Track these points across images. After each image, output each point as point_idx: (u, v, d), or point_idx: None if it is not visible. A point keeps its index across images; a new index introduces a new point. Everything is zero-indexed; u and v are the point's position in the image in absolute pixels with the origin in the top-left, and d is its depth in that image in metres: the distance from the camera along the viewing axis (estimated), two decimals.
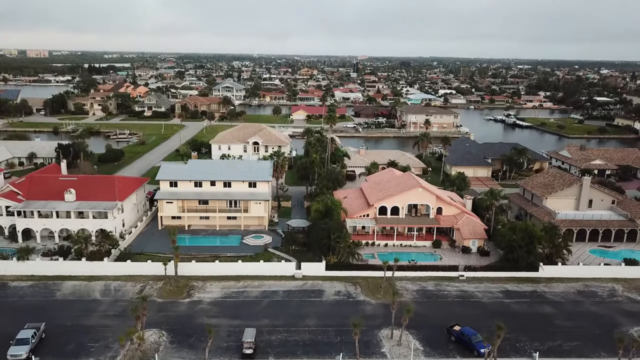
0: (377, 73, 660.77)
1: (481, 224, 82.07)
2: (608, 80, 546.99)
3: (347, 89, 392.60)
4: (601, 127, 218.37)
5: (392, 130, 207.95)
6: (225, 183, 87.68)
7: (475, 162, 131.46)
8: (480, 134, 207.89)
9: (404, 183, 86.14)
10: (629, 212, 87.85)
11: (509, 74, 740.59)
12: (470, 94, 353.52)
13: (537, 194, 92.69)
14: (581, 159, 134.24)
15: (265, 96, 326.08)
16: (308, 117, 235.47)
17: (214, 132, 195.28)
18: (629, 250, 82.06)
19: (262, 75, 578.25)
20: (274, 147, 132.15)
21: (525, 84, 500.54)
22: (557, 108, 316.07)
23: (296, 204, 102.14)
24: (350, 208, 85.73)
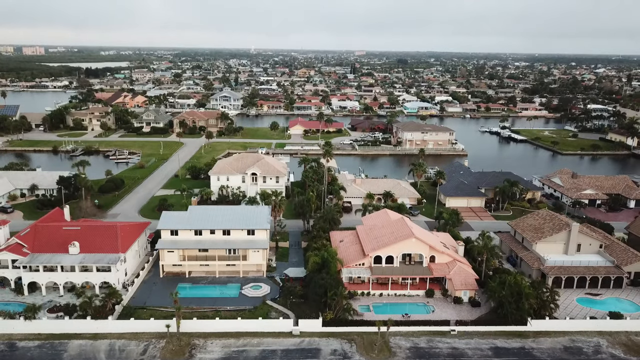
0: (374, 74, 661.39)
1: (472, 273, 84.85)
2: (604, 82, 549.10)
3: (344, 95, 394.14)
4: (594, 143, 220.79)
5: (388, 148, 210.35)
6: (224, 231, 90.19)
7: (469, 193, 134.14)
8: (475, 150, 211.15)
9: (398, 232, 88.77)
10: (615, 257, 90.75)
11: (505, 73, 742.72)
12: (467, 102, 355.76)
13: (527, 238, 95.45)
14: (572, 188, 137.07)
15: (263, 105, 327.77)
16: (305, 132, 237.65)
17: (212, 151, 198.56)
18: (615, 298, 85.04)
19: (259, 77, 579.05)
20: (272, 177, 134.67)
21: (521, 87, 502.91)
22: (552, 117, 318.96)
23: (294, 244, 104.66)
24: (346, 256, 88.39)
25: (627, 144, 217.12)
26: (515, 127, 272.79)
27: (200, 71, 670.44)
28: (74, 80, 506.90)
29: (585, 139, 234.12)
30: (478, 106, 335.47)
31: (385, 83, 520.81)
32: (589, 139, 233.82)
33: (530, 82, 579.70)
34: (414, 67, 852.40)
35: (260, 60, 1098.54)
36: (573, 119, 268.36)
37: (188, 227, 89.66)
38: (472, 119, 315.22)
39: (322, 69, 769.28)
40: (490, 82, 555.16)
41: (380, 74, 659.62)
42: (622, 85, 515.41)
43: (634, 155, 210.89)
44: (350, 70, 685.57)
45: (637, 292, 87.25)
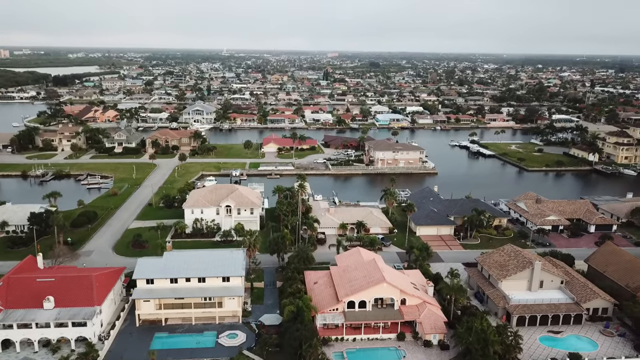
0: (347, 79, 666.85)
1: (441, 316, 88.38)
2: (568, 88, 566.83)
3: (317, 106, 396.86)
4: (558, 159, 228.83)
5: (361, 167, 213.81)
6: (200, 279, 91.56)
7: (439, 221, 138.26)
8: (445, 168, 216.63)
9: (370, 276, 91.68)
10: (575, 293, 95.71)
11: (475, 77, 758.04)
12: (437, 112, 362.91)
13: (493, 276, 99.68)
14: (537, 214, 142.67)
15: (236, 119, 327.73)
16: (279, 150, 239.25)
17: (186, 174, 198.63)
18: (575, 335, 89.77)
19: (231, 84, 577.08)
20: (246, 209, 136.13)
21: (489, 93, 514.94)
22: (520, 128, 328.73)
23: (269, 284, 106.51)
24: (320, 300, 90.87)
25: (588, 159, 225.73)
26: (484, 140, 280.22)
27: (172, 77, 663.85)
28: (42, 89, 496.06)
29: (550, 154, 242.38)
30: (448, 117, 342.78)
31: (357, 91, 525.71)
32: (553, 154, 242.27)
33: (499, 87, 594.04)
34: (385, 71, 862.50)
35: (233, 63, 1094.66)
36: (539, 133, 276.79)
37: (164, 276, 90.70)
38: (442, 131, 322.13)
39: (295, 74, 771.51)
40: (460, 88, 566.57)
41: (352, 80, 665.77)
42: (585, 92, 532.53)
43: (595, 171, 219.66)
44: (323, 76, 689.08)
45: (595, 328, 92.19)
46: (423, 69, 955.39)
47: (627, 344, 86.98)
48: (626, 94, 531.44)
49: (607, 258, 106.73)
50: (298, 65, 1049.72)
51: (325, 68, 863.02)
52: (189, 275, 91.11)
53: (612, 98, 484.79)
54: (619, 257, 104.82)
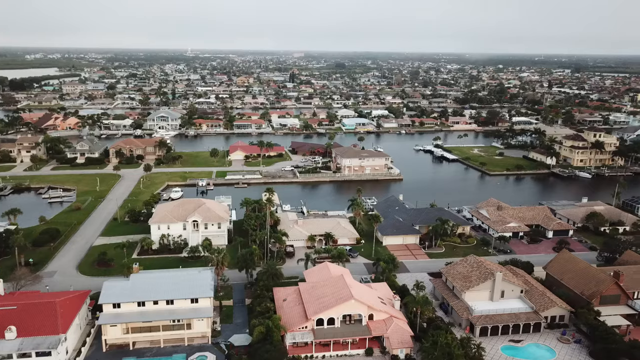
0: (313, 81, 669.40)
1: (408, 330, 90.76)
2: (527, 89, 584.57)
3: (283, 111, 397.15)
4: (518, 163, 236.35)
5: (329, 175, 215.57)
6: (168, 301, 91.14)
7: (405, 231, 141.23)
8: (410, 173, 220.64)
9: (338, 293, 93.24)
10: (534, 302, 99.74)
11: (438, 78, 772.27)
12: (402, 116, 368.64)
13: (457, 287, 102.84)
14: (498, 221, 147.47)
15: (202, 124, 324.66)
16: (246, 157, 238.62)
17: (151, 185, 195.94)
18: (534, 344, 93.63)
19: (196, 87, 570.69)
20: (214, 223, 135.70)
21: (452, 95, 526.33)
22: (482, 131, 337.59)
23: (238, 302, 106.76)
24: (289, 319, 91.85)
25: (546, 163, 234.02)
26: (448, 143, 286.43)
27: (136, 80, 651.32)
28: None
29: (511, 158, 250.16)
30: (413, 121, 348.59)
31: (324, 94, 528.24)
32: (513, 157, 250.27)
33: (462, 88, 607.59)
34: (351, 72, 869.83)
35: (198, 64, 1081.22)
36: (499, 136, 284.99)
37: (131, 300, 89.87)
38: (407, 135, 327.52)
39: (261, 75, 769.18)
40: (424, 90, 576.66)
41: (318, 82, 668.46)
42: (543, 93, 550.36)
43: (553, 174, 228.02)
44: (290, 78, 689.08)
45: (553, 335, 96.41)
46: (388, 70, 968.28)
47: (582, 351, 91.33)
48: (581, 94, 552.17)
49: (563, 266, 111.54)
50: (264, 66, 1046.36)
51: (291, 69, 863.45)
52: (156, 298, 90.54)
53: (569, 99, 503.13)
54: (574, 265, 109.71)
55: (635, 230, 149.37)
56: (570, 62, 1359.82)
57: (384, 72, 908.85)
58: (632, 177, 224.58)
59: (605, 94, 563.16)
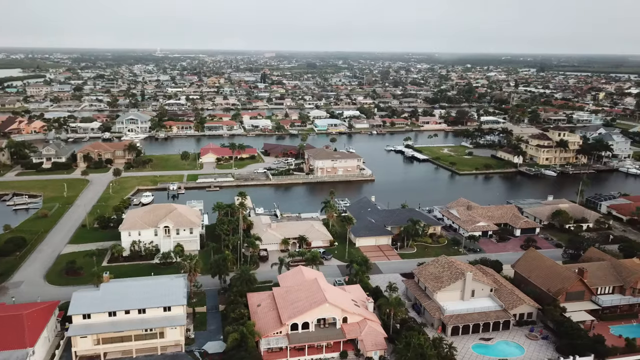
0: (284, 82, 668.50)
1: (382, 332, 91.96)
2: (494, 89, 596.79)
3: (255, 112, 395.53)
4: (487, 162, 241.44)
5: (301, 176, 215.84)
6: (140, 310, 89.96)
7: (377, 232, 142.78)
8: (382, 174, 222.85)
9: (312, 297, 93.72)
10: (503, 301, 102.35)
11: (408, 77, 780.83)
12: (373, 116, 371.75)
13: (429, 288, 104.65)
14: (468, 221, 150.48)
15: (172, 127, 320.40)
16: (218, 160, 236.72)
17: (121, 190, 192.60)
18: (504, 341, 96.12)
19: (166, 88, 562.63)
20: (186, 228, 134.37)
21: (422, 95, 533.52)
22: (451, 130, 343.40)
23: (211, 308, 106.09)
24: (264, 324, 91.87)
25: (514, 162, 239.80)
26: (418, 143, 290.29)
27: (103, 81, 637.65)
28: None
29: (479, 157, 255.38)
30: (384, 121, 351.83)
31: (295, 94, 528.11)
32: (482, 157, 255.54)
33: (431, 88, 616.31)
34: (322, 72, 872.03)
35: (167, 64, 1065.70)
36: (468, 135, 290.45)
37: (102, 310, 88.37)
38: (378, 135, 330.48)
39: (232, 75, 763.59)
40: (395, 90, 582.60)
41: (290, 82, 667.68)
42: (510, 92, 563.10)
43: (520, 173, 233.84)
44: (261, 78, 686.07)
45: (522, 332, 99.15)
46: (359, 70, 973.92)
47: (549, 347, 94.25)
48: (546, 93, 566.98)
49: (530, 264, 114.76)
50: (235, 66, 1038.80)
51: (262, 69, 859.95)
52: (128, 308, 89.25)
53: (534, 98, 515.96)
54: (541, 263, 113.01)
55: (598, 227, 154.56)
56: (536, 62, 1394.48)
57: (355, 72, 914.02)
58: (595, 174, 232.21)
59: (568, 93, 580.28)
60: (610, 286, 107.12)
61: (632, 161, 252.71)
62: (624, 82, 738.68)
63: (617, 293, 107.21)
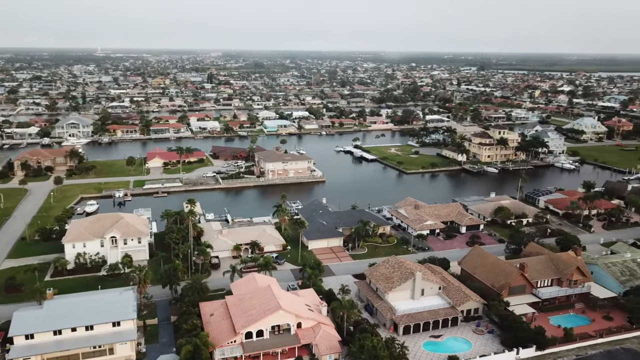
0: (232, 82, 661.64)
1: (336, 335, 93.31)
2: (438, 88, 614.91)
3: (202, 113, 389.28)
4: (433, 161, 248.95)
5: (252, 179, 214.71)
6: (87, 327, 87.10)
7: (329, 234, 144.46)
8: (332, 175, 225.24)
9: (266, 304, 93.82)
10: (451, 298, 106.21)
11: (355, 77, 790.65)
12: (322, 117, 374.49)
13: (380, 288, 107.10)
14: (416, 220, 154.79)
15: (116, 131, 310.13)
16: (165, 165, 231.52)
17: (63, 199, 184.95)
18: (453, 337, 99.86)
19: (109, 90, 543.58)
20: (134, 238, 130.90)
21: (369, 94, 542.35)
22: (398, 130, 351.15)
23: (163, 320, 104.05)
24: (217, 334, 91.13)
25: (458, 160, 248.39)
26: (366, 143, 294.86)
27: (41, 83, 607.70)
28: None
29: (426, 155, 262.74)
30: (332, 122, 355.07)
31: (243, 94, 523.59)
32: (428, 155, 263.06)
33: (378, 87, 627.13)
34: (270, 72, 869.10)
35: (109, 65, 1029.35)
36: (414, 135, 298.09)
37: (46, 329, 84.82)
38: (328, 136, 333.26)
39: (177, 76, 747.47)
40: (342, 90, 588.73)
41: (238, 82, 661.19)
42: (453, 91, 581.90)
43: (464, 170, 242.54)
44: (207, 79, 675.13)
45: (469, 328, 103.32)
46: (307, 69, 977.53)
47: (495, 340, 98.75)
48: (487, 92, 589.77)
49: (475, 261, 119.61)
50: (180, 66, 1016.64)
51: (209, 69, 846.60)
52: (74, 325, 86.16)
53: (476, 96, 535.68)
54: (485, 260, 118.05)
55: (536, 221, 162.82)
56: (476, 60, 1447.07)
57: (302, 71, 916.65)
58: (533, 170, 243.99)
59: (507, 91, 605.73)
60: (549, 279, 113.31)
61: (566, 156, 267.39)
62: (557, 80, 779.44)
63: (555, 285, 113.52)
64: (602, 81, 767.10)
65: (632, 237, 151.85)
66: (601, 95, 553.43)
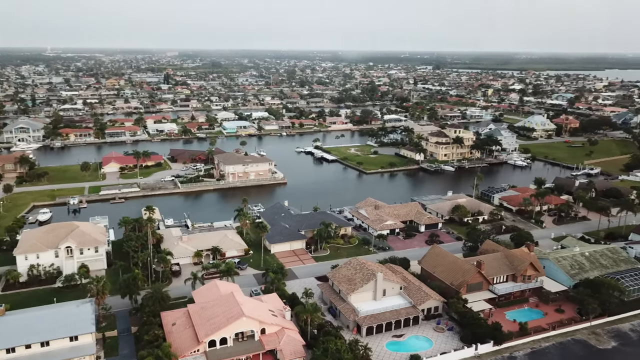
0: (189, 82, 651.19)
1: (300, 340, 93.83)
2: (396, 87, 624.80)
3: (159, 115, 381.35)
4: (391, 160, 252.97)
5: (212, 183, 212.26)
6: (42, 343, 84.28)
7: (291, 237, 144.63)
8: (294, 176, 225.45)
9: (229, 311, 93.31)
10: (412, 297, 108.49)
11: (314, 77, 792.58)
12: (282, 117, 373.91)
13: (343, 290, 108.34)
14: (376, 220, 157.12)
15: (69, 134, 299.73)
16: (121, 169, 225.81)
17: (14, 207, 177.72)
18: (414, 336, 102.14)
19: (60, 92, 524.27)
20: (90, 248, 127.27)
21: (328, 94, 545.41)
22: (357, 129, 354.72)
23: (123, 331, 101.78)
24: (180, 344, 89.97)
25: (416, 159, 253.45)
26: (327, 144, 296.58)
27: None
28: None
29: (384, 155, 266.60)
30: (293, 123, 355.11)
31: (201, 95, 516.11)
32: (387, 155, 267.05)
33: (336, 87, 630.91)
34: (228, 72, 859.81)
35: (60, 65, 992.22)
36: (373, 135, 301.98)
37: None
38: (288, 136, 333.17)
39: (132, 76, 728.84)
40: (302, 90, 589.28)
41: (195, 82, 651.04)
42: (410, 90, 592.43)
43: (422, 169, 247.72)
44: (164, 79, 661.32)
45: (430, 326, 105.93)
46: (265, 69, 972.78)
47: (455, 337, 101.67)
48: (442, 90, 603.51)
49: (434, 259, 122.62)
50: (135, 66, 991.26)
51: (165, 69, 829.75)
52: (29, 342, 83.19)
53: (432, 95, 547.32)
54: (444, 258, 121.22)
55: (492, 218, 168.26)
56: (432, 59, 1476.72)
57: (261, 71, 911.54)
58: (488, 168, 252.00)
59: (462, 89, 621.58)
60: (504, 275, 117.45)
61: (518, 154, 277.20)
62: (509, 78, 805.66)
63: (510, 281, 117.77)
64: (551, 79, 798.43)
65: (580, 231, 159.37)
66: (550, 94, 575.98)
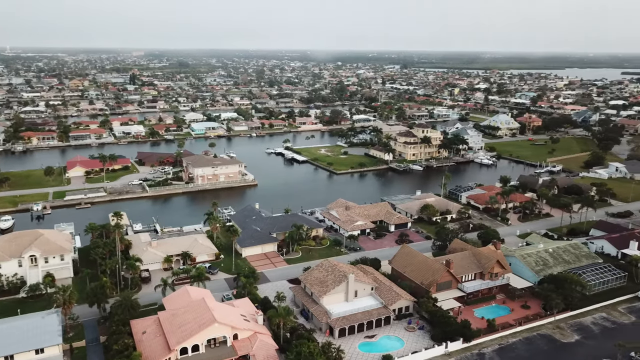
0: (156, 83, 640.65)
1: (273, 344, 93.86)
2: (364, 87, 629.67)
3: (126, 117, 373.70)
4: (361, 161, 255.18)
5: (181, 186, 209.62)
6: (6, 357, 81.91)
7: (263, 240, 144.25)
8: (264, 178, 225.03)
9: (200, 317, 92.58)
10: (383, 298, 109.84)
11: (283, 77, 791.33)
12: (251, 118, 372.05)
13: (315, 293, 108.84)
14: (347, 221, 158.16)
15: (31, 138, 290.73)
16: (87, 173, 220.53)
17: None
18: (386, 336, 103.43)
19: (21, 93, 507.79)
20: (56, 256, 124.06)
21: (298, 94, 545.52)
22: (327, 130, 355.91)
23: (91, 341, 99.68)
24: (151, 353, 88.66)
25: (385, 159, 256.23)
26: (297, 145, 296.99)
27: None
28: None
29: (354, 155, 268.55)
30: (262, 123, 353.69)
31: (168, 96, 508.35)
32: (357, 155, 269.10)
33: (306, 87, 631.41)
34: (196, 72, 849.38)
35: (20, 65, 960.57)
36: (343, 135, 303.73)
37: None
38: (258, 137, 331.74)
39: (97, 77, 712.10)
40: (271, 90, 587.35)
41: (162, 83, 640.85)
42: (378, 90, 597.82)
43: (391, 169, 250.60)
44: (130, 79, 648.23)
45: (401, 325, 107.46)
46: (234, 68, 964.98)
47: (425, 336, 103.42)
48: (410, 90, 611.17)
49: (405, 259, 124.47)
50: (100, 66, 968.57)
51: (131, 70, 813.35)
52: None
53: (400, 95, 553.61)
54: (414, 258, 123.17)
55: (459, 217, 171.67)
56: (399, 59, 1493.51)
57: (229, 70, 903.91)
58: (455, 166, 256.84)
59: (429, 89, 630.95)
60: (473, 273, 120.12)
61: (484, 152, 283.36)
62: (474, 77, 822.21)
63: (478, 279, 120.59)
64: (514, 78, 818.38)
65: (544, 227, 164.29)
66: (513, 92, 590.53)
